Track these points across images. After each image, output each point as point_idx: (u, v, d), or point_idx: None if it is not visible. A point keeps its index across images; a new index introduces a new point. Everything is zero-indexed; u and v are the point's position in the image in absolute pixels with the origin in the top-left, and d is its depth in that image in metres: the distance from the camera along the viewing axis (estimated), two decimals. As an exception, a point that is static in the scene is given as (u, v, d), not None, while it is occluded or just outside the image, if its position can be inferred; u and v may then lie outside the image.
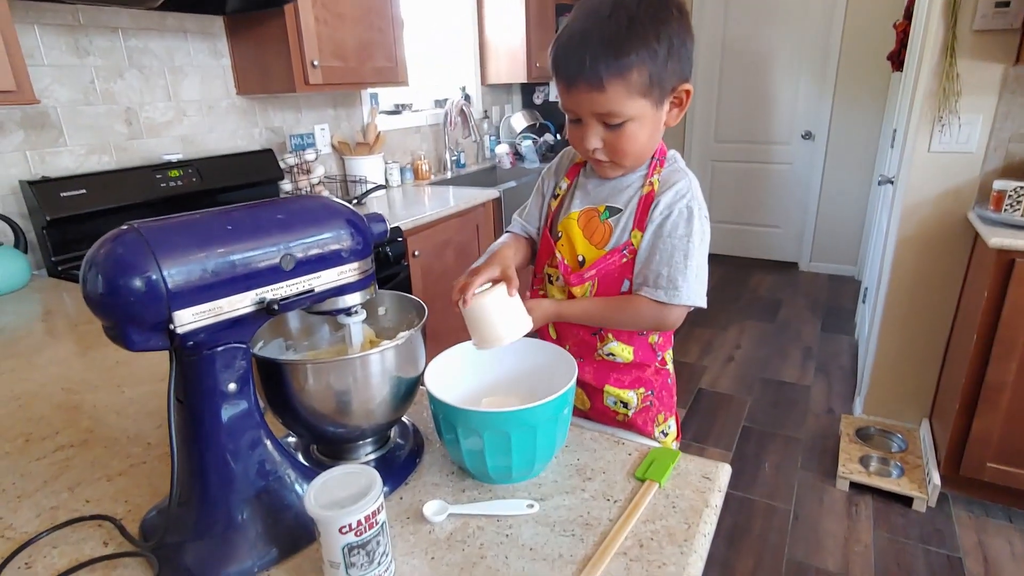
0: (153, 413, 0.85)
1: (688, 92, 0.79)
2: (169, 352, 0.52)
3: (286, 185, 2.18)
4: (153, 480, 0.70)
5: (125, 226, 0.50)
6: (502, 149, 3.28)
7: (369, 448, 0.71)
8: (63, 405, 0.89)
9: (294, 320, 0.78)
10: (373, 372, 0.64)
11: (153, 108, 1.85)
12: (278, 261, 0.55)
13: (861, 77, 3.68)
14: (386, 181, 2.64)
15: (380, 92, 2.71)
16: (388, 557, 0.53)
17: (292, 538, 0.58)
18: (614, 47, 0.72)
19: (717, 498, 0.64)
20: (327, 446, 0.72)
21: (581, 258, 0.88)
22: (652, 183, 0.84)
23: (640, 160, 0.85)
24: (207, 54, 1.98)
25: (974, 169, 1.88)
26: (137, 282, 0.48)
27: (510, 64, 3.25)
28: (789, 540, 1.78)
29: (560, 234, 0.91)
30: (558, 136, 3.48)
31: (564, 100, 0.80)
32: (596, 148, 0.80)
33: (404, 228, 1.98)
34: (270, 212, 0.58)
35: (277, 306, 0.56)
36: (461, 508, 0.63)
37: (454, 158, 3.10)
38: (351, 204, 0.61)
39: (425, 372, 0.70)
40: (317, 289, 0.59)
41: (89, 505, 0.66)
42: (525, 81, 3.27)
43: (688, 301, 0.82)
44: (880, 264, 2.39)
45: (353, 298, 0.64)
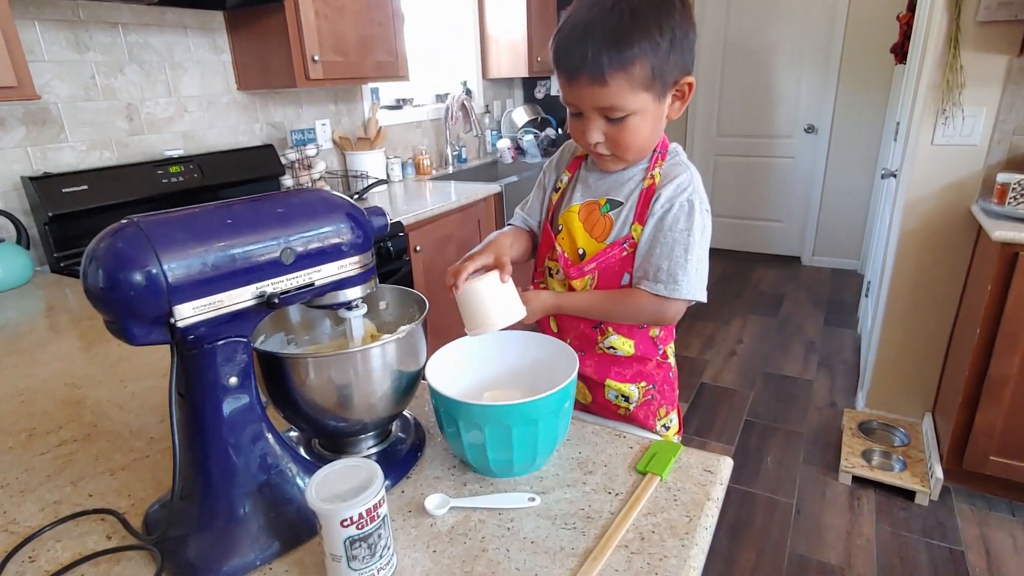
0: (156, 408, 0.86)
1: (690, 85, 0.79)
2: (170, 346, 0.52)
3: (287, 181, 2.18)
4: (156, 474, 0.70)
5: (125, 220, 0.50)
6: (503, 144, 3.27)
7: (371, 442, 0.72)
8: (66, 400, 0.89)
9: (295, 314, 0.78)
10: (374, 366, 0.64)
11: (154, 104, 1.85)
12: (278, 255, 0.55)
13: (864, 70, 3.66)
14: (387, 176, 2.64)
15: (381, 87, 2.70)
16: (390, 550, 0.54)
17: (294, 531, 0.58)
18: (616, 39, 0.71)
19: (719, 491, 0.64)
20: (329, 440, 0.72)
21: (581, 251, 0.88)
22: (653, 176, 0.84)
23: (642, 154, 0.84)
24: (207, 49, 1.97)
25: (978, 162, 1.87)
26: (137, 276, 0.48)
27: (511, 58, 3.24)
28: (791, 534, 1.78)
29: (561, 227, 0.90)
30: (560, 131, 3.47)
31: (565, 94, 0.79)
32: (598, 142, 0.80)
33: (405, 223, 1.98)
34: (270, 206, 0.58)
35: (277, 300, 0.56)
36: (463, 501, 0.63)
37: (455, 153, 3.10)
38: (352, 199, 0.60)
39: (426, 366, 0.70)
40: (318, 283, 0.59)
41: (92, 499, 0.66)
42: (526, 75, 3.26)
43: (688, 295, 0.81)
44: (883, 258, 2.38)
45: (354, 292, 0.64)
